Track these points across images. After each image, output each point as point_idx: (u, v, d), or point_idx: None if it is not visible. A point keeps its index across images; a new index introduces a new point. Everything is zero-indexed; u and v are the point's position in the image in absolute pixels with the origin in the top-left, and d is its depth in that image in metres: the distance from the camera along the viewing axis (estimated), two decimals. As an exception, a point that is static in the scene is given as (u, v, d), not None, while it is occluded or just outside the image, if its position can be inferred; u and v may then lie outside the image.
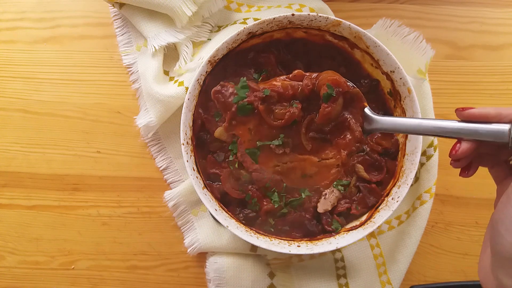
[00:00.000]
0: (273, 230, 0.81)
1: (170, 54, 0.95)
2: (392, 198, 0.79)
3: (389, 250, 0.90)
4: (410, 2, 0.99)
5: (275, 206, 0.79)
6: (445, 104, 0.94)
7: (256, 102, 0.75)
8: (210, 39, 0.94)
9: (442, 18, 0.98)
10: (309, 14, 0.78)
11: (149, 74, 0.91)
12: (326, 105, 0.74)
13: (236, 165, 0.80)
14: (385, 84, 0.83)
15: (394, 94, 0.81)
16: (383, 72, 0.81)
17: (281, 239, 0.80)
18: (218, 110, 0.79)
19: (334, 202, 0.81)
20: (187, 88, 0.87)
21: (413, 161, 0.78)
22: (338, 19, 0.78)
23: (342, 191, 0.82)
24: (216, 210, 0.78)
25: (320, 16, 0.78)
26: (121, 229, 0.95)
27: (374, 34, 0.86)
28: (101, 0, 0.98)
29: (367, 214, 0.82)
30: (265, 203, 0.80)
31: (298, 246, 0.78)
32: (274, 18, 0.78)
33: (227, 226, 0.76)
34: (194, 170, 0.79)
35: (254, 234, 0.79)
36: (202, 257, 0.93)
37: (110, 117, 0.97)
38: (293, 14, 0.78)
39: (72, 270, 0.94)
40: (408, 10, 0.99)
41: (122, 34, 0.99)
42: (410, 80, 0.79)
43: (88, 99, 0.98)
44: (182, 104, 0.79)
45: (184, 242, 0.93)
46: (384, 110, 0.85)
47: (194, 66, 0.89)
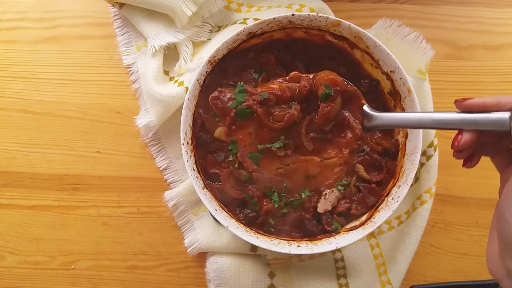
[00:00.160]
0: (273, 230, 0.81)
1: (170, 54, 0.95)
2: (392, 198, 0.79)
3: (389, 250, 0.90)
4: (410, 2, 0.99)
5: (275, 206, 0.79)
6: (445, 104, 0.94)
7: (254, 106, 0.75)
8: (210, 39, 0.94)
9: (442, 18, 0.98)
10: (309, 14, 0.78)
11: (149, 74, 0.91)
12: (324, 104, 0.74)
13: (236, 165, 0.80)
14: (385, 84, 0.83)
15: (394, 94, 0.81)
16: (383, 72, 0.81)
17: (281, 239, 0.80)
18: (215, 110, 0.79)
19: (334, 202, 0.81)
20: (187, 88, 0.87)
21: (413, 161, 0.78)
22: (338, 19, 0.78)
23: (342, 191, 0.82)
24: (216, 210, 0.78)
25: (320, 16, 0.78)
26: (121, 229, 0.95)
27: (374, 34, 0.86)
28: (101, 0, 0.98)
29: (367, 214, 0.82)
30: (265, 203, 0.80)
31: (298, 246, 0.78)
32: (274, 18, 0.78)
33: (227, 226, 0.76)
34: (194, 170, 0.79)
35: (254, 234, 0.79)
36: (202, 257, 0.93)
37: (110, 117, 0.97)
38: (293, 14, 0.78)
39: (72, 270, 0.94)
40: (408, 10, 0.99)
41: (122, 34, 0.99)
42: (410, 80, 0.79)
43: (88, 99, 0.98)
44: (182, 104, 0.79)
45: (184, 242, 0.93)
46: (384, 110, 0.85)
47: (194, 66, 0.89)
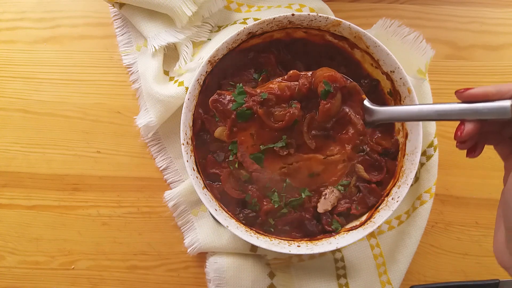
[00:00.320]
0: (273, 230, 0.81)
1: (170, 54, 0.95)
2: (392, 198, 0.79)
3: (389, 250, 0.90)
4: (410, 2, 0.99)
5: (275, 206, 0.79)
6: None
7: (255, 107, 0.75)
8: (210, 39, 0.94)
9: (442, 18, 0.98)
10: (309, 14, 0.78)
11: (149, 74, 0.91)
12: (325, 101, 0.74)
13: (236, 165, 0.80)
14: (385, 84, 0.83)
15: (394, 94, 0.81)
16: (383, 72, 0.81)
17: (281, 239, 0.80)
18: (216, 113, 0.79)
19: (334, 202, 0.81)
20: (187, 88, 0.87)
21: (413, 161, 0.78)
22: (338, 19, 0.78)
23: (342, 191, 0.82)
24: (216, 210, 0.78)
25: (320, 16, 0.78)
26: (121, 229, 0.95)
27: (374, 34, 0.86)
28: (101, 0, 0.98)
29: (367, 214, 0.82)
30: (265, 203, 0.80)
31: (298, 246, 0.78)
32: (274, 18, 0.78)
33: (227, 226, 0.76)
34: (194, 170, 0.79)
35: (254, 234, 0.79)
36: (202, 257, 0.93)
37: (110, 117, 0.97)
38: (293, 14, 0.78)
39: (72, 270, 0.94)
40: (408, 10, 0.99)
41: (122, 34, 0.99)
42: (410, 80, 0.79)
43: (88, 99, 0.98)
44: (182, 104, 0.79)
45: (184, 242, 0.93)
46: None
47: (194, 66, 0.89)
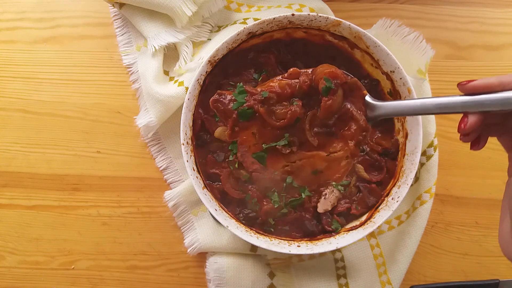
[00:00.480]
0: (273, 230, 0.81)
1: (170, 54, 0.95)
2: (392, 198, 0.79)
3: (389, 250, 0.90)
4: (410, 2, 0.99)
5: (275, 206, 0.79)
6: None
7: (256, 106, 0.75)
8: (210, 39, 0.94)
9: (442, 18, 0.98)
10: (309, 14, 0.78)
11: (149, 74, 0.91)
12: (326, 98, 0.74)
13: (236, 165, 0.80)
14: (385, 84, 0.83)
15: (394, 94, 0.81)
16: (383, 72, 0.81)
17: (281, 239, 0.80)
18: (217, 113, 0.79)
19: (334, 202, 0.81)
20: (187, 88, 0.87)
21: (413, 161, 0.78)
22: (338, 19, 0.78)
23: (342, 191, 0.82)
24: (216, 210, 0.78)
25: (320, 16, 0.78)
26: (121, 229, 0.95)
27: (374, 34, 0.86)
28: (101, 0, 0.98)
29: (367, 214, 0.82)
30: (265, 203, 0.80)
31: (298, 246, 0.78)
32: (274, 18, 0.78)
33: (227, 226, 0.76)
34: (194, 170, 0.79)
35: (254, 234, 0.79)
36: (202, 257, 0.93)
37: (110, 117, 0.97)
38: (293, 14, 0.78)
39: (72, 270, 0.94)
40: (408, 10, 0.99)
41: (122, 34, 0.99)
42: (410, 80, 0.79)
43: (88, 99, 0.98)
44: (182, 104, 0.79)
45: (184, 242, 0.93)
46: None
47: (194, 66, 0.89)
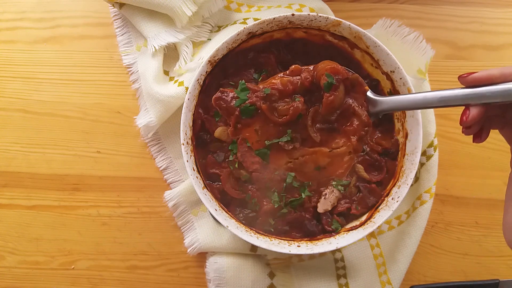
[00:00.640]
0: (273, 230, 0.81)
1: (170, 54, 0.95)
2: (392, 198, 0.79)
3: (389, 250, 0.90)
4: (410, 2, 0.99)
5: (275, 206, 0.79)
6: (445, 104, 0.94)
7: (258, 102, 0.75)
8: (210, 39, 0.94)
9: (442, 18, 0.98)
10: (309, 14, 0.78)
11: (149, 74, 0.91)
12: (328, 94, 0.74)
13: (236, 165, 0.80)
14: (385, 84, 0.83)
15: (394, 94, 0.81)
16: (383, 72, 0.81)
17: (281, 239, 0.80)
18: (219, 111, 0.79)
19: (334, 202, 0.81)
20: (187, 88, 0.87)
21: (413, 161, 0.78)
22: (338, 19, 0.78)
23: (342, 191, 0.82)
24: (216, 210, 0.78)
25: (320, 16, 0.78)
26: (121, 229, 0.95)
27: (374, 34, 0.86)
28: (101, 0, 0.98)
29: (367, 214, 0.82)
30: (265, 203, 0.80)
31: (298, 246, 0.78)
32: (274, 18, 0.78)
33: (227, 226, 0.76)
34: (194, 170, 0.79)
35: (254, 234, 0.79)
36: (202, 257, 0.93)
37: (110, 117, 0.97)
38: (293, 14, 0.78)
39: (72, 270, 0.94)
40: (408, 10, 0.99)
41: (122, 34, 0.99)
42: (410, 80, 0.79)
43: (88, 99, 0.98)
44: (182, 104, 0.79)
45: (184, 242, 0.93)
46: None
47: (194, 66, 0.89)
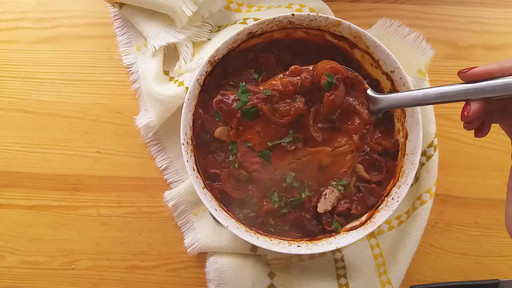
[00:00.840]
0: (273, 230, 0.81)
1: (170, 54, 0.95)
2: (392, 198, 0.79)
3: (389, 250, 0.90)
4: (410, 2, 0.99)
5: (275, 206, 0.79)
6: (445, 104, 0.93)
7: (259, 104, 0.75)
8: (210, 39, 0.94)
9: (442, 18, 0.98)
10: (309, 14, 0.78)
11: (149, 74, 0.91)
12: (328, 93, 0.74)
13: (236, 165, 0.80)
14: (385, 84, 0.83)
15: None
16: (383, 72, 0.81)
17: (281, 239, 0.80)
18: (221, 113, 0.79)
19: (334, 202, 0.81)
20: (187, 88, 0.87)
21: (413, 161, 0.78)
22: (338, 19, 0.78)
23: (342, 191, 0.82)
24: (216, 210, 0.78)
25: (320, 16, 0.78)
26: (121, 229, 0.95)
27: (374, 34, 0.86)
28: (101, 0, 0.98)
29: (367, 214, 0.82)
30: (265, 203, 0.80)
31: (298, 246, 0.78)
32: (274, 18, 0.78)
33: (227, 226, 0.76)
34: (194, 170, 0.79)
35: (254, 234, 0.79)
36: (202, 257, 0.93)
37: (110, 117, 0.97)
38: (293, 14, 0.78)
39: (72, 270, 0.94)
40: (408, 10, 0.99)
41: (122, 34, 0.99)
42: (410, 80, 0.79)
43: (88, 99, 0.98)
44: (182, 104, 0.79)
45: (184, 242, 0.93)
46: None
47: (194, 66, 0.89)
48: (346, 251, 0.90)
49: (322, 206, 0.80)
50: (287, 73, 0.77)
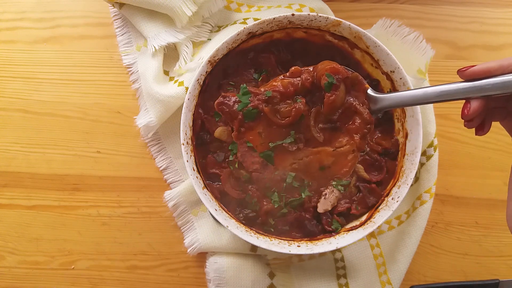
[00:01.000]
0: (273, 230, 0.81)
1: (170, 54, 0.95)
2: (392, 198, 0.79)
3: (389, 250, 0.90)
4: (410, 2, 0.99)
5: (275, 206, 0.79)
6: (445, 104, 0.94)
7: (260, 105, 0.75)
8: (210, 39, 0.94)
9: (442, 18, 0.98)
10: (309, 14, 0.78)
11: (149, 74, 0.91)
12: (329, 94, 0.74)
13: (236, 165, 0.80)
14: (385, 84, 0.83)
15: (394, 94, 0.81)
16: (383, 72, 0.81)
17: (281, 239, 0.80)
18: (222, 115, 0.79)
19: (334, 202, 0.81)
20: (187, 88, 0.87)
21: (413, 161, 0.78)
22: (338, 19, 0.78)
23: (342, 191, 0.82)
24: (216, 210, 0.78)
25: (320, 16, 0.78)
26: (121, 229, 0.95)
27: (374, 34, 0.86)
28: (101, 0, 0.98)
29: (367, 214, 0.82)
30: (265, 203, 0.80)
31: (298, 246, 0.78)
32: (274, 18, 0.78)
33: (227, 226, 0.76)
34: (194, 170, 0.79)
35: (254, 234, 0.79)
36: (202, 257, 0.93)
37: (110, 117, 0.97)
38: (293, 14, 0.78)
39: (72, 270, 0.94)
40: (408, 10, 0.99)
41: (122, 34, 0.99)
42: (410, 80, 0.79)
43: (88, 99, 0.98)
44: (182, 104, 0.79)
45: (184, 242, 0.93)
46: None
47: (194, 66, 0.89)
48: (346, 251, 0.90)
49: (322, 206, 0.80)
50: (288, 74, 0.77)
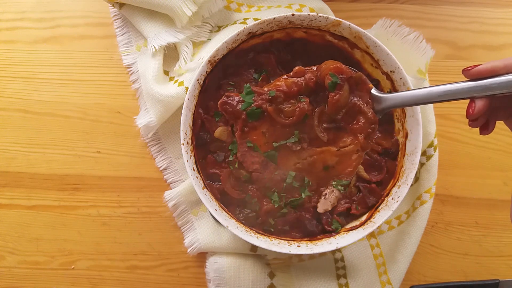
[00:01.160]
0: (273, 230, 0.81)
1: (170, 54, 0.95)
2: (392, 198, 0.79)
3: (389, 250, 0.90)
4: (410, 2, 0.99)
5: (275, 206, 0.79)
6: (445, 104, 0.94)
7: (264, 105, 0.75)
8: (210, 39, 0.94)
9: (442, 18, 0.98)
10: (309, 14, 0.78)
11: (149, 74, 0.91)
12: (333, 93, 0.74)
13: (236, 165, 0.80)
14: (385, 84, 0.83)
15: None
16: (383, 72, 0.81)
17: (281, 239, 0.80)
18: (219, 110, 0.79)
19: (334, 202, 0.81)
20: (187, 88, 0.87)
21: (413, 161, 0.78)
22: (338, 19, 0.78)
23: (342, 191, 0.82)
24: (216, 210, 0.78)
25: (320, 16, 0.78)
26: (121, 229, 0.95)
27: (374, 34, 0.86)
28: (101, 0, 0.98)
29: (367, 214, 0.82)
30: (265, 203, 0.80)
31: (298, 246, 0.78)
32: (274, 18, 0.78)
33: (227, 226, 0.76)
34: (194, 170, 0.79)
35: (254, 234, 0.79)
36: (202, 257, 0.93)
37: (110, 117, 0.97)
38: (293, 14, 0.78)
39: (72, 270, 0.94)
40: (408, 10, 0.99)
41: (122, 34, 0.99)
42: (410, 80, 0.79)
43: (88, 99, 0.98)
44: (182, 104, 0.79)
45: (184, 242, 0.93)
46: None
47: (194, 66, 0.89)
48: (346, 251, 0.90)
49: (322, 206, 0.80)
50: (291, 73, 0.77)
